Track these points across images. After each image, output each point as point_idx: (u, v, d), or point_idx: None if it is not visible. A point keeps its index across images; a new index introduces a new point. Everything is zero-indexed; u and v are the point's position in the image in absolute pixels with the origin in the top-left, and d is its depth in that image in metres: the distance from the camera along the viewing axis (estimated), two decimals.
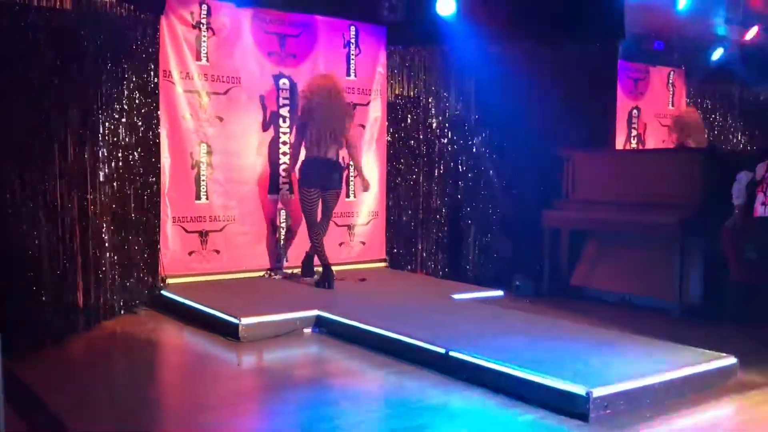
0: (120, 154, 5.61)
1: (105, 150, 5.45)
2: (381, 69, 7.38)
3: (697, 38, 8.63)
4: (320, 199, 6.16)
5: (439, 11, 6.95)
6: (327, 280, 6.03)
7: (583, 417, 3.39)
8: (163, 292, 5.92)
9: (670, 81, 9.43)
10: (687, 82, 9.56)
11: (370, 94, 7.32)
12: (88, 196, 5.23)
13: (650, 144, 9.21)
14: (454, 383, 3.96)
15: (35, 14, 4.88)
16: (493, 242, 7.42)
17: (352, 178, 7.26)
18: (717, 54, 8.79)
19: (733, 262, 5.52)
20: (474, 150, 7.45)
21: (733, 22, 7.73)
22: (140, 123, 5.82)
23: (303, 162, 6.21)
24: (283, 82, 6.78)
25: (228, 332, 4.90)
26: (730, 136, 9.70)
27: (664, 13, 6.92)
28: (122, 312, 5.58)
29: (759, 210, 4.96)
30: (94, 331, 5.12)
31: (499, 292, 6.24)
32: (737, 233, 5.41)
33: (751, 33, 7.94)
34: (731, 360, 4.06)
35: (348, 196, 7.25)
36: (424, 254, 7.53)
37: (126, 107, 5.68)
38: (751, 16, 7.62)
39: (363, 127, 7.29)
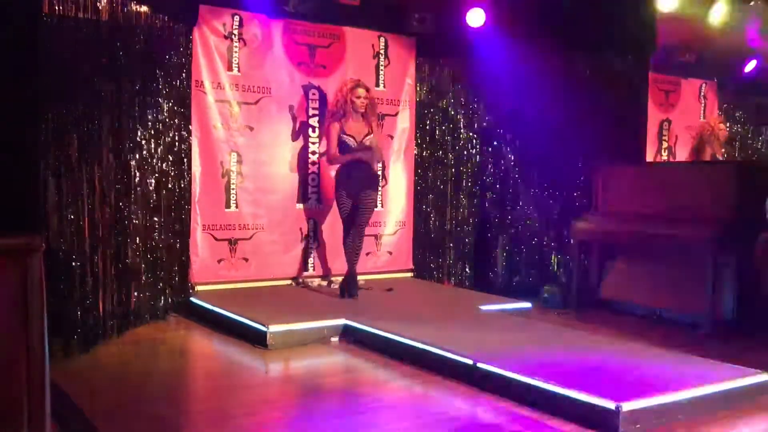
0: (152, 162, 5.70)
1: (137, 158, 5.54)
2: (410, 80, 7.41)
3: (730, 50, 8.54)
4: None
5: (469, 23, 6.97)
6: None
7: None
8: (192, 299, 5.98)
9: (702, 93, 9.32)
10: (719, 94, 9.44)
11: (398, 105, 7.34)
12: (120, 203, 5.32)
13: (681, 157, 9.10)
14: (482, 395, 3.94)
15: (73, 25, 4.99)
16: (522, 253, 7.38)
17: (380, 188, 7.28)
18: (750, 66, 8.68)
19: (767, 277, 5.43)
20: (502, 161, 7.44)
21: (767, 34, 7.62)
22: (172, 132, 5.91)
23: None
24: (313, 93, 6.84)
25: (256, 339, 4.94)
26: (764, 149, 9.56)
27: (696, 24, 6.86)
28: (152, 318, 5.65)
29: None
30: (125, 337, 5.19)
31: (527, 304, 6.20)
32: None
33: None
34: (764, 377, 3.99)
35: (376, 206, 7.27)
36: (451, 264, 7.52)
37: (158, 116, 5.77)
38: None
39: (391, 137, 7.32)
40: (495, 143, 7.46)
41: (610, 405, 3.39)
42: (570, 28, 6.78)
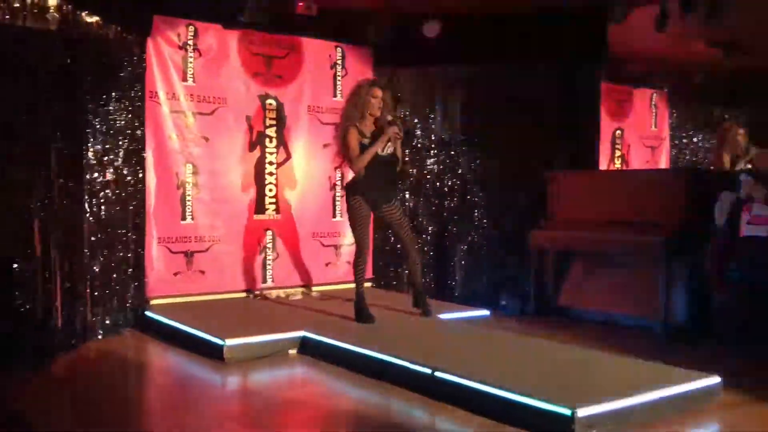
0: (105, 174, 5.60)
1: (90, 169, 5.44)
2: None
3: (679, 61, 8.76)
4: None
5: (426, 34, 7.02)
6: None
7: None
8: (147, 312, 5.88)
9: (653, 102, 9.55)
10: (669, 103, 9.69)
11: None
12: (72, 215, 5.21)
13: (634, 164, 9.30)
14: (440, 404, 3.94)
15: (22, 34, 4.88)
16: (480, 262, 7.44)
17: (338, 198, 7.28)
18: (698, 76, 8.92)
19: (717, 282, 5.56)
20: (460, 170, 7.50)
21: (714, 45, 7.84)
22: (126, 143, 5.82)
23: None
24: (270, 103, 6.81)
25: (213, 353, 4.87)
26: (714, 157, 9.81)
27: (646, 35, 7.02)
28: (106, 333, 5.53)
29: (745, 230, 4.98)
30: (78, 352, 5.07)
31: (486, 312, 6.24)
32: (721, 253, 5.45)
33: (730, 56, 8.06)
34: (715, 379, 4.07)
35: (334, 216, 7.27)
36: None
37: (112, 127, 5.67)
38: (731, 40, 7.75)
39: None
40: (452, 153, 7.51)
41: (566, 411, 3.42)
42: (525, 39, 6.89)
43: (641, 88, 9.32)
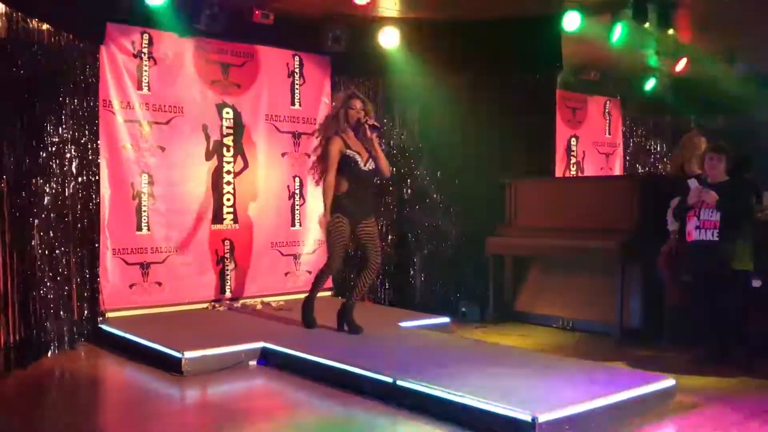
0: (58, 185, 5.47)
1: (42, 180, 5.30)
2: (326, 98, 7.42)
3: (631, 69, 8.96)
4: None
5: (382, 43, 7.05)
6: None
7: None
8: (103, 326, 5.76)
9: (607, 110, 9.75)
10: (622, 111, 9.89)
11: (315, 124, 7.32)
12: (24, 227, 5.07)
13: (589, 171, 9.47)
14: (402, 412, 3.95)
15: None
16: (439, 269, 7.47)
17: (297, 207, 7.25)
18: (649, 84, 9.14)
19: (670, 285, 5.68)
20: (419, 178, 7.53)
21: (664, 54, 8.04)
22: (79, 153, 5.70)
23: None
24: (227, 112, 6.75)
25: (171, 366, 4.78)
26: (665, 163, 10.06)
27: (598, 44, 7.17)
28: (60, 348, 5.39)
29: (693, 234, 5.08)
30: (32, 369, 4.93)
31: (446, 319, 6.27)
32: (673, 257, 5.57)
33: (681, 64, 8.28)
34: (670, 382, 4.16)
35: (293, 225, 7.23)
36: (371, 282, 7.51)
37: (64, 137, 5.55)
38: (680, 48, 7.96)
39: (308, 156, 7.28)
40: (411, 160, 7.55)
41: (527, 417, 3.45)
42: (480, 48, 6.97)
43: (595, 95, 9.51)
